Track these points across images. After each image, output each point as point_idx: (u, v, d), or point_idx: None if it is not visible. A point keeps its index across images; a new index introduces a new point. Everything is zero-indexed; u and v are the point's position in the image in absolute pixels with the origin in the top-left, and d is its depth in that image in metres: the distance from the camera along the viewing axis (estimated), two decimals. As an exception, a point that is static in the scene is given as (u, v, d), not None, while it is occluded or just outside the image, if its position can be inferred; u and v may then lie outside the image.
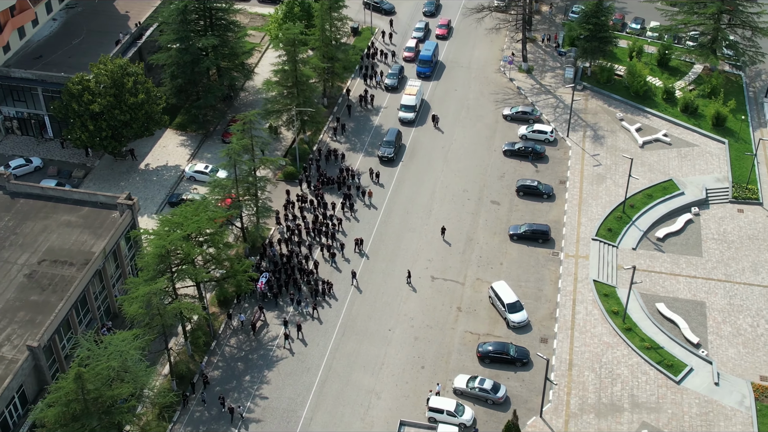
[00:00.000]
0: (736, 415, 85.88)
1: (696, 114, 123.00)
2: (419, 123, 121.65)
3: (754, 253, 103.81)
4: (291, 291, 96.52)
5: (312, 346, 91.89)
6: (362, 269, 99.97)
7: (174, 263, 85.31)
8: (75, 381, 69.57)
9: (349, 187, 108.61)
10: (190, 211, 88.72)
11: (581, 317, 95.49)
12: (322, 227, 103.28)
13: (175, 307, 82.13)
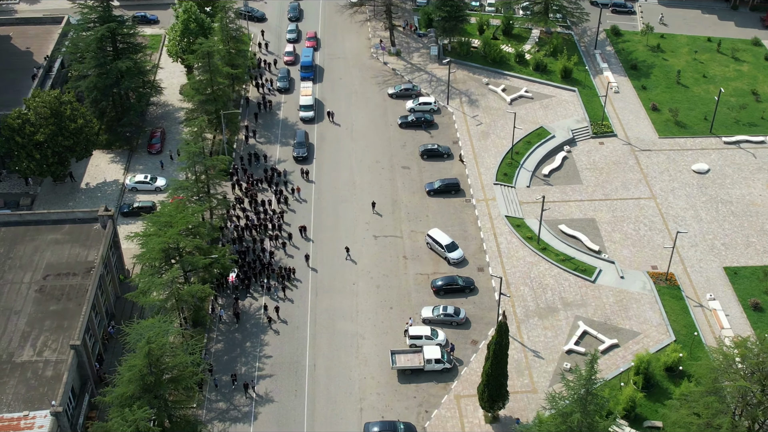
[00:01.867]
0: (642, 297, 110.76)
1: (546, 71, 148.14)
2: (318, 120, 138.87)
3: (621, 174, 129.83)
4: (262, 280, 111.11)
5: (294, 309, 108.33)
6: (313, 250, 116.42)
7: (174, 255, 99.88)
8: (146, 356, 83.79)
9: (278, 183, 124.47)
10: (172, 210, 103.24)
11: (504, 246, 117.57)
12: (266, 222, 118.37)
13: (190, 289, 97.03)
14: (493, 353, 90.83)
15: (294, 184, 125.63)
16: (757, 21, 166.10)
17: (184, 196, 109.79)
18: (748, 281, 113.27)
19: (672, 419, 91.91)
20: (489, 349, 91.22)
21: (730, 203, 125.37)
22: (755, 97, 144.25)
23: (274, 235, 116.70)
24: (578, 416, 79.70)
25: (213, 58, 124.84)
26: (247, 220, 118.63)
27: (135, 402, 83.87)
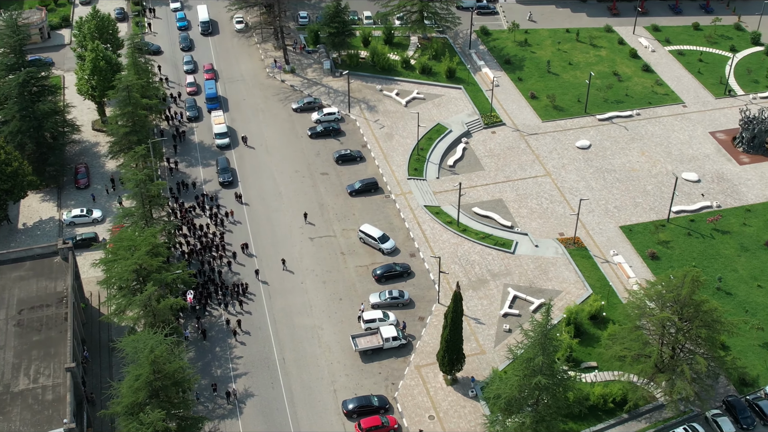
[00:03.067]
0: (557, 261, 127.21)
1: (432, 73, 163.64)
2: (234, 145, 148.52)
3: (516, 157, 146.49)
4: (218, 297, 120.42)
5: (253, 313, 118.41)
6: (259, 264, 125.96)
7: (144, 274, 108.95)
8: (152, 364, 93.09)
9: (211, 207, 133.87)
10: (131, 234, 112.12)
11: (429, 232, 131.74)
12: (209, 245, 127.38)
13: (166, 303, 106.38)
14: (451, 321, 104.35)
15: (226, 207, 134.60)
16: (605, 10, 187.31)
17: (130, 224, 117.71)
18: (642, 236, 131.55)
19: (607, 356, 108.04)
20: (446, 318, 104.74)
21: (614, 171, 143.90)
22: (617, 78, 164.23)
23: (218, 255, 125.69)
24: (541, 358, 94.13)
25: (132, 92, 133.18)
26: (189, 245, 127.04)
27: (145, 407, 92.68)
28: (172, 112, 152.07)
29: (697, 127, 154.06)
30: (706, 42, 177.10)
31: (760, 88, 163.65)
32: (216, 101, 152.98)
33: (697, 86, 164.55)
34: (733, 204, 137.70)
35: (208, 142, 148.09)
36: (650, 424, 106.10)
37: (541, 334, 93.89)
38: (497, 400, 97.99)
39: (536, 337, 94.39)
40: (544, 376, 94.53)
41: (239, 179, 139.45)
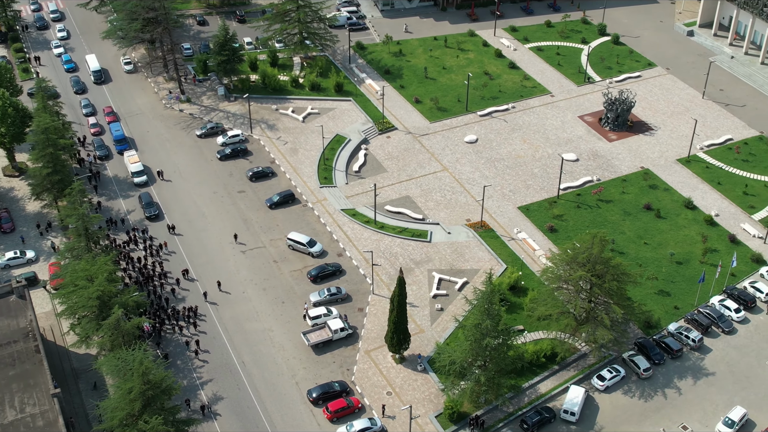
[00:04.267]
0: (470, 243, 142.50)
1: (321, 89, 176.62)
2: (151, 181, 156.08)
3: (413, 157, 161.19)
4: (172, 323, 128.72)
5: (206, 325, 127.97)
6: (201, 285, 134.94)
7: (105, 299, 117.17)
8: (143, 376, 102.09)
9: (144, 240, 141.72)
10: (84, 265, 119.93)
11: (350, 233, 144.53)
12: (151, 275, 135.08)
13: (133, 323, 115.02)
14: (397, 304, 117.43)
15: (158, 239, 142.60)
16: (464, 17, 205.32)
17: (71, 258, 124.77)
18: (538, 213, 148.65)
19: (534, 318, 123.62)
20: (392, 302, 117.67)
21: (503, 160, 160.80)
22: (489, 76, 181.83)
23: (160, 284, 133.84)
24: (488, 322, 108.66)
25: (50, 133, 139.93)
26: (131, 278, 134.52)
27: (140, 417, 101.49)
28: (84, 154, 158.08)
29: (567, 113, 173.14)
30: (560, 37, 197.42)
31: (613, 74, 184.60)
32: (125, 142, 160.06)
33: (560, 77, 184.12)
34: (611, 176, 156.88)
35: (122, 175, 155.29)
36: (578, 371, 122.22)
37: (486, 300, 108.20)
38: (452, 366, 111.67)
39: (482, 304, 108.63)
40: (492, 337, 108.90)
41: (164, 211, 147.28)
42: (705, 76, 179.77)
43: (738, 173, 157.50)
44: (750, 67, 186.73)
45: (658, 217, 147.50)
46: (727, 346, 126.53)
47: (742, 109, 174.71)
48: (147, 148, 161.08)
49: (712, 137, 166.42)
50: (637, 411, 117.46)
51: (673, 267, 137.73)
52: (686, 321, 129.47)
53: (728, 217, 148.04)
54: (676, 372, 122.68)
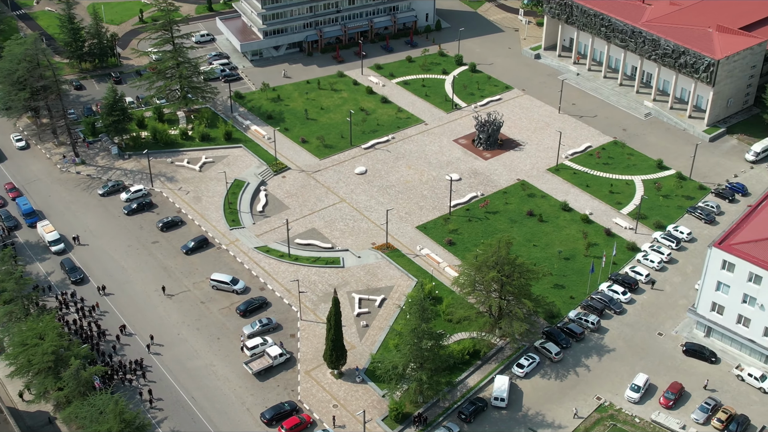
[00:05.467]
0: (381, 264, 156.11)
1: (210, 138, 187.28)
2: (68, 247, 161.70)
3: (311, 192, 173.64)
4: (119, 375, 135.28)
5: (153, 368, 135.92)
6: (142, 339, 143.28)
7: (58, 354, 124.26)
8: (119, 416, 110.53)
9: (75, 303, 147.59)
10: (31, 325, 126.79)
11: (268, 268, 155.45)
12: (89, 335, 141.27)
13: (90, 371, 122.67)
14: (334, 322, 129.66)
15: (87, 300, 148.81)
16: (331, 60, 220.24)
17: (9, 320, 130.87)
18: (435, 230, 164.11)
19: (456, 318, 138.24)
20: (329, 321, 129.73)
21: (393, 186, 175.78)
22: (365, 112, 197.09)
23: (98, 342, 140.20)
24: (424, 326, 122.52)
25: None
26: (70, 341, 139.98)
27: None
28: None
29: (442, 138, 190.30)
30: (422, 70, 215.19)
31: (477, 99, 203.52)
32: (34, 215, 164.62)
33: (430, 107, 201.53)
34: (492, 190, 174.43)
35: (33, 240, 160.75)
36: (499, 363, 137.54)
37: (420, 306, 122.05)
38: (394, 370, 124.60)
39: (416, 310, 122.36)
40: (428, 339, 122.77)
41: (87, 272, 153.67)
42: (559, 93, 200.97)
43: (602, 175, 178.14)
44: (595, 81, 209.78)
45: (540, 221, 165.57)
46: (620, 324, 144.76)
47: (594, 119, 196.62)
48: (54, 213, 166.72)
49: (573, 146, 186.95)
50: (556, 390, 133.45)
51: (563, 263, 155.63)
52: (583, 308, 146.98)
53: (601, 214, 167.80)
54: (582, 352, 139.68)
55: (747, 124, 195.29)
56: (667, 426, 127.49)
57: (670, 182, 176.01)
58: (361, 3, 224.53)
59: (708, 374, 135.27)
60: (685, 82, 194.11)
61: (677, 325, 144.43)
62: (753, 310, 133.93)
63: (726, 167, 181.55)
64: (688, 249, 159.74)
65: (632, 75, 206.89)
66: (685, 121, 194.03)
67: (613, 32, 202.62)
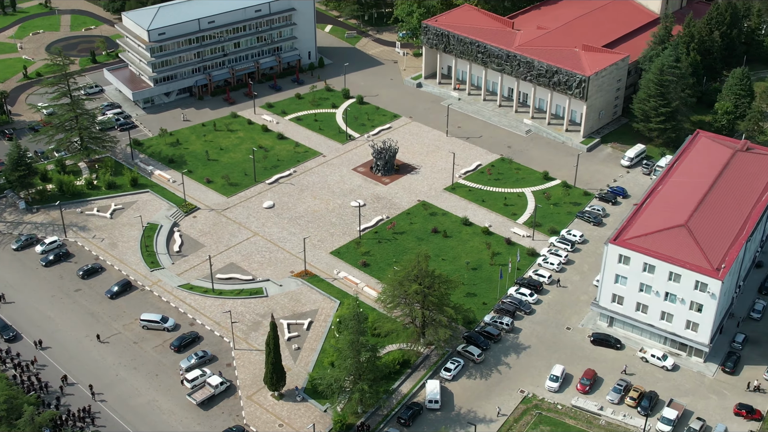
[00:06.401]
0: (302, 290, 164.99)
1: (117, 186, 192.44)
2: None
3: (225, 229, 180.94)
4: (70, 423, 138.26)
5: (100, 413, 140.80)
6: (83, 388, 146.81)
7: (11, 402, 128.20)
8: None
9: (12, 359, 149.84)
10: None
11: (194, 304, 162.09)
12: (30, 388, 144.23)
13: (45, 415, 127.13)
14: (273, 345, 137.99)
15: (23, 356, 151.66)
16: (222, 102, 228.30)
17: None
18: (348, 253, 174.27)
19: (383, 332, 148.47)
20: (268, 345, 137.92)
21: (302, 217, 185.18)
22: (264, 150, 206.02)
23: (38, 396, 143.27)
24: (362, 339, 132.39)
25: None
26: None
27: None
28: None
29: (342, 168, 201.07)
30: (312, 106, 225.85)
31: (368, 129, 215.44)
32: None
33: (325, 139, 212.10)
34: (396, 212, 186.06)
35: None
36: (427, 369, 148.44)
37: (356, 321, 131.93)
38: (336, 383, 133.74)
39: (353, 325, 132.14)
40: (366, 351, 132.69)
41: (18, 327, 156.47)
42: (444, 118, 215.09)
43: (495, 190, 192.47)
44: (476, 104, 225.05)
45: (445, 237, 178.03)
46: (532, 323, 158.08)
47: (480, 139, 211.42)
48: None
49: (465, 166, 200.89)
50: (483, 388, 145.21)
51: (471, 273, 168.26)
52: (496, 312, 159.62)
53: (499, 225, 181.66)
54: (501, 352, 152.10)
55: (618, 133, 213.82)
56: (587, 409, 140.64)
57: (557, 191, 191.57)
58: (247, 45, 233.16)
59: (616, 360, 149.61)
60: (560, 98, 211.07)
61: (582, 318, 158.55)
62: (650, 297, 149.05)
63: (605, 173, 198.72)
64: (582, 250, 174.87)
65: (510, 96, 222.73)
66: (563, 134, 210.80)
67: (489, 57, 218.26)
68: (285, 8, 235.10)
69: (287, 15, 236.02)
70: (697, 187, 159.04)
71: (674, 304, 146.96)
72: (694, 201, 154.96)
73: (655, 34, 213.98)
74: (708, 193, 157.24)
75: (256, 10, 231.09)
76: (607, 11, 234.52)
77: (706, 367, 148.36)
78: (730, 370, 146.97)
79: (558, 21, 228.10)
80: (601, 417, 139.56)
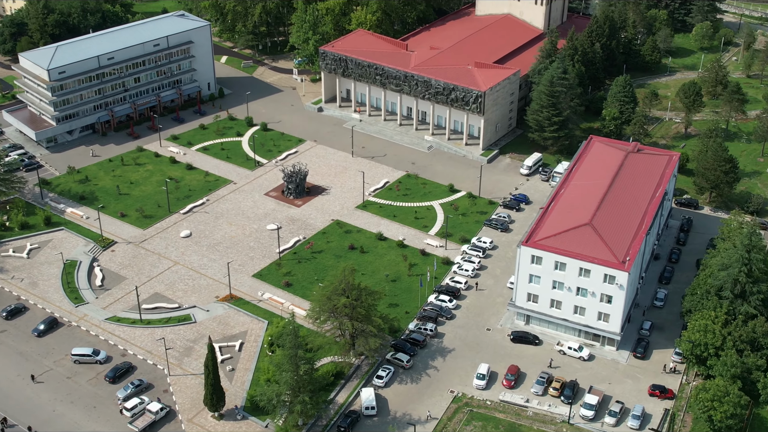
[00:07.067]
0: (229, 313, 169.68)
1: (30, 226, 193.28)
2: None
3: (143, 261, 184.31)
4: None
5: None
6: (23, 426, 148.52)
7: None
8: None
9: None
10: None
11: (123, 335, 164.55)
12: None
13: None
14: (212, 367, 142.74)
15: None
16: (126, 136, 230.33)
17: None
18: (271, 275, 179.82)
19: (315, 347, 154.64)
20: (207, 367, 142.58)
21: (221, 243, 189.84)
22: (175, 181, 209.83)
23: None
24: (300, 352, 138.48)
25: None
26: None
27: None
28: None
29: (254, 194, 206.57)
30: (217, 135, 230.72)
31: (276, 154, 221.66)
32: None
33: (234, 167, 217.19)
34: (312, 233, 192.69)
35: None
36: (360, 378, 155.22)
37: (293, 335, 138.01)
38: (278, 398, 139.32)
39: (290, 340, 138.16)
40: (304, 363, 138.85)
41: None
42: (347, 140, 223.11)
43: (405, 205, 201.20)
44: (377, 125, 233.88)
45: (362, 252, 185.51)
46: (454, 327, 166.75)
47: (385, 158, 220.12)
48: None
49: (373, 184, 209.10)
50: (415, 392, 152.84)
51: (392, 284, 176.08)
52: (419, 319, 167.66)
53: (413, 238, 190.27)
54: (428, 357, 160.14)
55: (515, 144, 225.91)
56: (514, 402, 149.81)
57: (464, 202, 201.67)
58: (147, 80, 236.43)
59: (535, 355, 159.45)
60: (458, 114, 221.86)
61: (501, 319, 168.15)
62: (562, 293, 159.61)
63: (506, 182, 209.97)
64: (493, 255, 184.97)
65: (409, 114, 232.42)
66: (463, 148, 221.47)
67: (387, 79, 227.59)
68: (183, 41, 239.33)
69: (185, 48, 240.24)
70: (597, 188, 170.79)
71: (586, 297, 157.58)
72: (595, 201, 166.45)
73: (542, 48, 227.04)
74: (607, 193, 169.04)
75: (155, 44, 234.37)
76: (494, 29, 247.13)
77: (619, 355, 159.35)
78: (641, 356, 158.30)
79: (449, 41, 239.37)
80: (528, 408, 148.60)
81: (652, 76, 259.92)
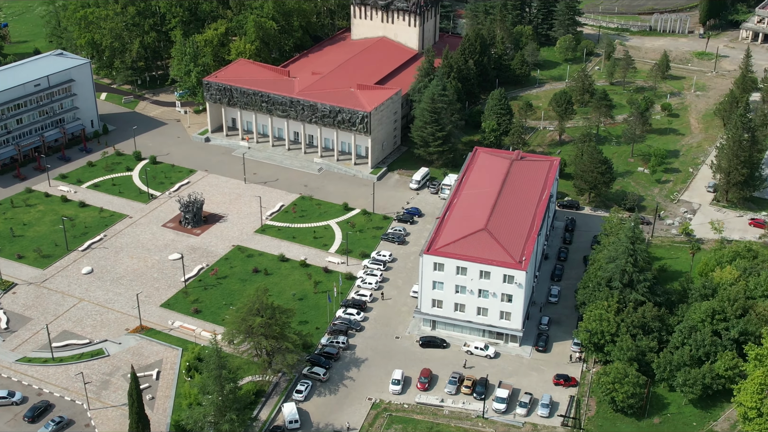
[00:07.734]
0: (142, 344, 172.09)
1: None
2: None
3: (47, 299, 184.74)
4: None
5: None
6: None
7: None
8: None
9: None
10: None
11: (38, 375, 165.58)
12: None
13: None
14: (136, 396, 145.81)
15: None
16: (12, 179, 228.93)
17: None
18: (178, 304, 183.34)
19: (233, 368, 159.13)
20: (131, 395, 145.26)
21: (124, 276, 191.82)
22: (70, 220, 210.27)
23: None
24: (225, 372, 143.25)
25: None
26: None
27: None
28: None
29: (152, 226, 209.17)
30: (106, 171, 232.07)
31: (168, 186, 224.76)
32: None
33: (128, 201, 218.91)
34: (215, 259, 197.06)
35: None
36: (280, 394, 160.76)
37: (216, 356, 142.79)
38: (205, 419, 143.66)
39: (213, 361, 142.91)
40: (229, 383, 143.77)
41: None
42: (238, 168, 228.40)
43: (302, 226, 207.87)
44: (266, 151, 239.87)
45: (266, 274, 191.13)
46: (364, 338, 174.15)
47: (278, 182, 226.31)
48: None
49: (269, 208, 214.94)
50: (334, 403, 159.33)
51: (299, 303, 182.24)
52: (330, 333, 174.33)
53: (314, 257, 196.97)
54: (343, 368, 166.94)
55: (402, 160, 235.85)
56: (430, 403, 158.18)
57: (359, 219, 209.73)
58: (30, 120, 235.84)
59: (444, 357, 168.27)
60: (345, 135, 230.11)
61: (408, 326, 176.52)
62: (465, 296, 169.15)
63: (398, 198, 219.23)
64: (393, 267, 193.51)
65: (297, 139, 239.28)
66: (353, 168, 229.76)
67: (273, 105, 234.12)
68: (64, 80, 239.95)
69: (67, 86, 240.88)
70: (488, 196, 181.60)
71: (487, 299, 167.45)
72: (487, 207, 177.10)
73: (420, 68, 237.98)
74: (498, 199, 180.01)
75: (36, 84, 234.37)
76: (371, 52, 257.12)
77: (523, 350, 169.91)
78: (543, 349, 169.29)
79: (329, 65, 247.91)
80: (444, 408, 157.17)
81: (524, 88, 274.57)
